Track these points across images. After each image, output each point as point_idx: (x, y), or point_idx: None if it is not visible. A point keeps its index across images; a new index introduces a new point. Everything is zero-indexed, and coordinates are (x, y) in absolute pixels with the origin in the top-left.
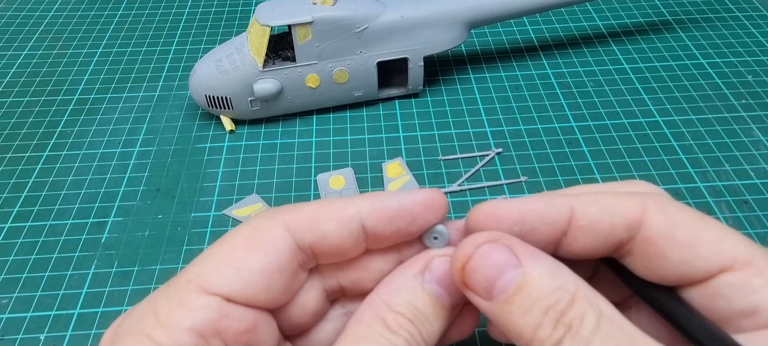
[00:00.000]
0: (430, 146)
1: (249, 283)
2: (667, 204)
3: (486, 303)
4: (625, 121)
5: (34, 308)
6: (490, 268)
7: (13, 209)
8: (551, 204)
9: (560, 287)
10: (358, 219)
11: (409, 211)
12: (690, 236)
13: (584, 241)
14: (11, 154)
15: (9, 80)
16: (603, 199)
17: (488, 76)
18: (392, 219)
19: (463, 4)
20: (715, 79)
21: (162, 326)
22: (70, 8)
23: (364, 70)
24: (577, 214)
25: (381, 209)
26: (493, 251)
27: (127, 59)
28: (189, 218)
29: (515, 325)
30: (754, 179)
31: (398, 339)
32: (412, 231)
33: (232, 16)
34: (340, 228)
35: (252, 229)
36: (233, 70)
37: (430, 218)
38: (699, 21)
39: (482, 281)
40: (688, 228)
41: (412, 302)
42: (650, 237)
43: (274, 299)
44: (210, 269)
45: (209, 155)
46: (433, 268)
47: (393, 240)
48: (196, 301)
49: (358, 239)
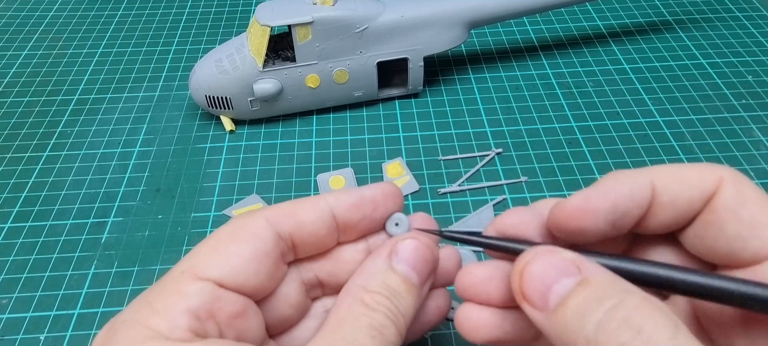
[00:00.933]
0: (430, 146)
1: (238, 269)
2: (742, 180)
3: (540, 315)
4: (625, 121)
5: (34, 308)
6: (548, 273)
7: (13, 209)
8: (637, 184)
9: (626, 289)
10: (329, 209)
11: (371, 198)
12: (754, 215)
13: (664, 217)
14: (11, 154)
15: (9, 80)
16: (682, 172)
17: (488, 76)
18: (358, 206)
19: (463, 4)
20: (715, 79)
21: (158, 313)
22: (70, 8)
23: (364, 70)
24: (658, 189)
25: (347, 200)
26: (552, 258)
27: (127, 59)
28: (189, 218)
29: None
30: (754, 178)
31: (377, 315)
32: (376, 217)
33: (232, 16)
34: (314, 217)
35: (236, 225)
36: (233, 70)
37: (389, 204)
38: (699, 21)
39: (539, 286)
40: (755, 207)
41: (385, 282)
42: (716, 206)
43: (261, 283)
44: (201, 260)
45: (209, 155)
46: (399, 250)
47: (361, 227)
48: (190, 286)
49: (330, 227)
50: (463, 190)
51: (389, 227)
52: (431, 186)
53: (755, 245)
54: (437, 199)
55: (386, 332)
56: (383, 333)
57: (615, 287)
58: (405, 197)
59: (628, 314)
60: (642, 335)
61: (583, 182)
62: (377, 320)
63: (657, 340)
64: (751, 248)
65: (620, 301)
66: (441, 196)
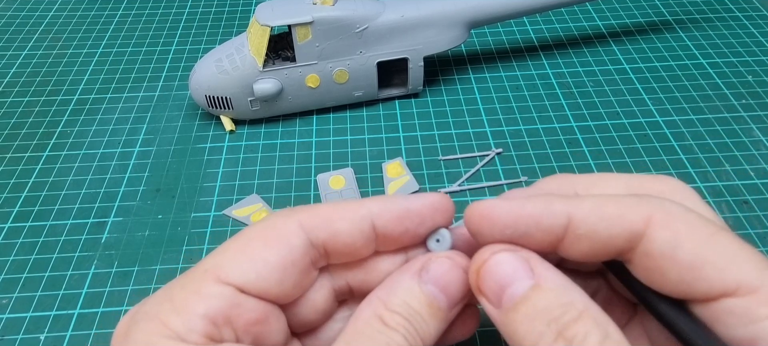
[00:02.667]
0: (430, 146)
1: (263, 275)
2: (676, 217)
3: (495, 310)
4: (625, 121)
5: (34, 308)
6: (503, 275)
7: (13, 209)
8: (548, 211)
9: (569, 302)
10: (370, 219)
11: (418, 212)
12: (693, 257)
13: (581, 248)
14: (11, 154)
15: (9, 80)
16: (604, 206)
17: (488, 76)
18: (401, 220)
19: (463, 4)
20: (715, 79)
21: (177, 312)
22: (70, 8)
23: (364, 70)
24: (574, 222)
25: (391, 210)
26: (509, 259)
27: (127, 59)
28: (189, 218)
29: (517, 333)
30: (754, 179)
31: (395, 335)
32: (420, 233)
33: (232, 16)
34: (351, 227)
35: (268, 225)
36: (233, 70)
37: (438, 219)
38: (699, 21)
39: (494, 286)
40: (692, 247)
41: (407, 301)
42: (650, 252)
43: (285, 292)
44: (226, 260)
45: (209, 155)
46: (431, 269)
47: (401, 241)
48: (210, 289)
49: (368, 238)
50: (463, 190)
51: (429, 242)
52: (431, 186)
53: (702, 288)
54: None
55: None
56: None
57: (562, 297)
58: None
59: (565, 326)
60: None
61: None
62: (395, 341)
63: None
64: (700, 289)
65: (562, 313)
66: None
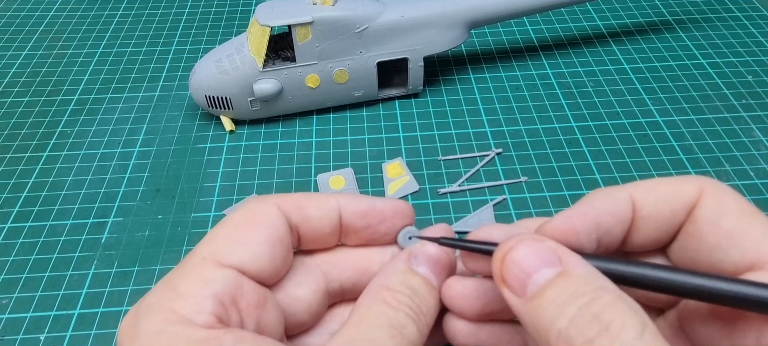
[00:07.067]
0: (430, 146)
1: (256, 255)
2: (723, 191)
3: (518, 301)
4: (625, 121)
5: (34, 308)
6: (528, 262)
7: (13, 209)
8: (615, 200)
9: (601, 287)
10: (337, 210)
11: (380, 211)
12: (734, 225)
13: (647, 231)
14: (11, 154)
15: (9, 80)
16: (660, 186)
17: (488, 76)
18: (365, 215)
19: (463, 4)
20: (715, 79)
21: (183, 298)
22: (70, 8)
23: (364, 70)
24: (637, 204)
25: (357, 206)
26: (535, 246)
27: (127, 59)
28: (189, 218)
29: (543, 319)
30: (754, 179)
31: (398, 314)
32: (381, 230)
33: (232, 16)
34: (321, 214)
35: (248, 210)
36: (233, 70)
37: (396, 221)
38: (699, 21)
39: (519, 274)
40: (734, 217)
41: (406, 281)
42: (696, 218)
43: (276, 269)
44: (221, 246)
45: (209, 155)
46: (418, 254)
47: (363, 235)
48: (214, 272)
49: (335, 227)
50: (463, 190)
51: (402, 240)
52: (431, 186)
53: (735, 256)
54: (437, 199)
55: (406, 333)
56: (403, 333)
57: (592, 282)
58: (405, 197)
59: (600, 310)
60: (610, 331)
61: (583, 182)
62: (398, 320)
63: (624, 337)
64: (732, 259)
65: (594, 297)
66: (441, 196)
